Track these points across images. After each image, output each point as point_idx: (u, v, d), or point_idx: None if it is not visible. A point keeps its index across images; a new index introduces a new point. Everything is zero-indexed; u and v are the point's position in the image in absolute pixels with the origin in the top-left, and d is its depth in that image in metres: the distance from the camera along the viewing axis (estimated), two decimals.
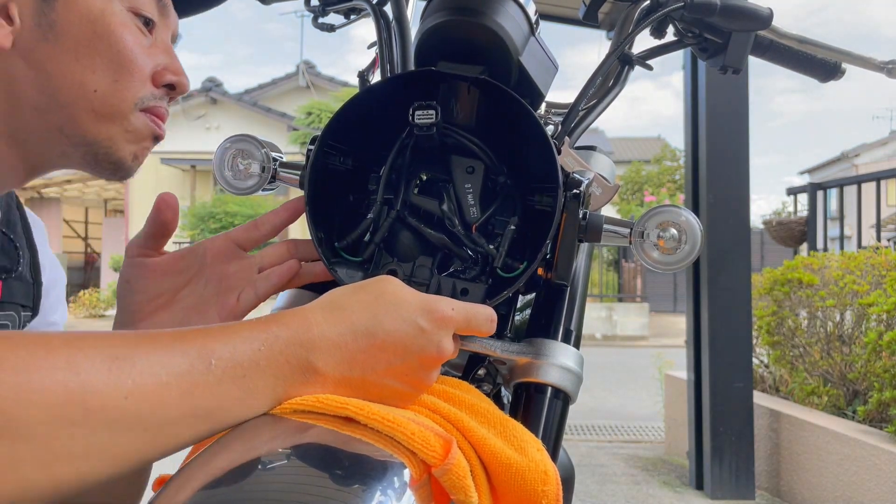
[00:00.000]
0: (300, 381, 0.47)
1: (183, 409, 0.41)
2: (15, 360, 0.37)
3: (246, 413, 0.44)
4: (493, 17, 0.66)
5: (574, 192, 0.62)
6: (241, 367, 0.44)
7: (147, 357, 0.41)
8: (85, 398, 0.37)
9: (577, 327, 0.69)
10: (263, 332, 0.46)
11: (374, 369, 0.49)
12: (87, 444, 0.37)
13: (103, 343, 0.41)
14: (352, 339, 0.48)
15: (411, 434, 0.44)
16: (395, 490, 0.40)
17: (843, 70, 0.88)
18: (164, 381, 0.40)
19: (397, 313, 0.50)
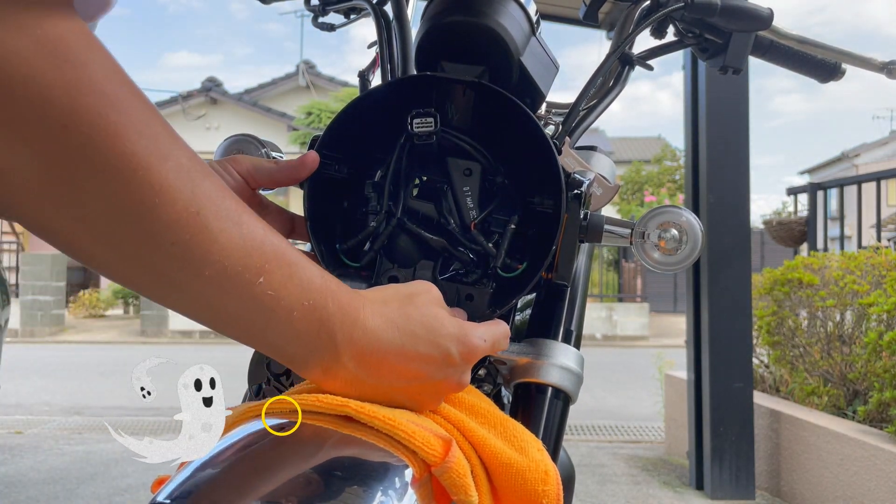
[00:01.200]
0: (316, 360, 0.46)
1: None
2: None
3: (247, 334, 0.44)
4: (494, 17, 0.66)
5: (575, 193, 0.62)
6: (277, 303, 0.43)
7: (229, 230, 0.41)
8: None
9: (577, 327, 0.69)
10: (318, 293, 0.45)
11: (392, 384, 0.49)
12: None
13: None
14: (385, 343, 0.48)
15: (411, 434, 0.44)
16: (397, 489, 0.40)
17: (843, 70, 0.88)
18: (223, 266, 0.40)
19: (435, 339, 0.50)
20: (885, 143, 25.61)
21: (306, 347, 0.45)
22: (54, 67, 0.34)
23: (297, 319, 0.43)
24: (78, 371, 7.84)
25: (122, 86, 0.36)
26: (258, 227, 0.42)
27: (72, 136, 0.34)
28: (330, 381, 0.47)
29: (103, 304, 14.11)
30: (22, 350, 9.81)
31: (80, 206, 0.36)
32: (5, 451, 3.98)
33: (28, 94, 0.33)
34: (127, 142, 0.36)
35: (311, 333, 0.45)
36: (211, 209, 0.39)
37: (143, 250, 0.38)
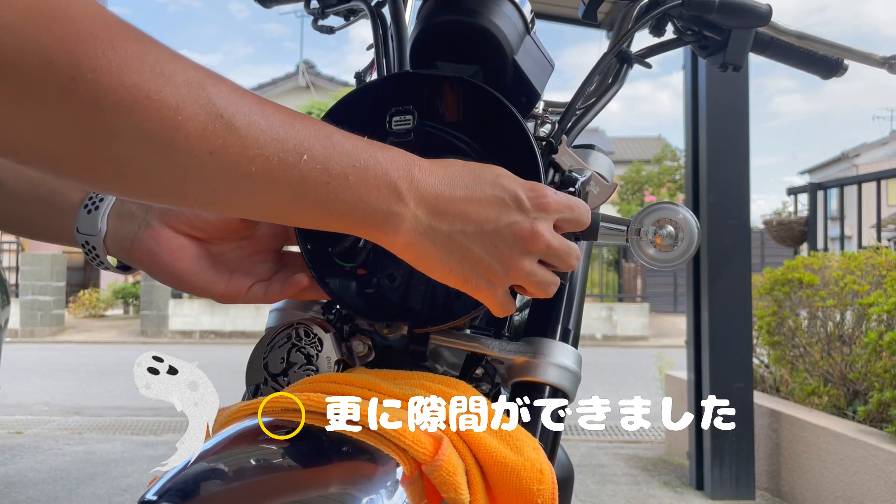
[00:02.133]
0: (386, 217, 0.46)
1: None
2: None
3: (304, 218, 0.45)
4: (488, 17, 0.66)
5: (570, 191, 0.62)
6: (328, 173, 0.43)
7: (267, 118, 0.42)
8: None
9: (575, 326, 0.69)
10: (365, 152, 0.45)
11: (464, 230, 0.48)
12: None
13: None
14: (448, 188, 0.48)
15: (401, 432, 0.44)
16: (388, 487, 0.40)
17: (845, 66, 0.87)
18: (276, 149, 0.41)
19: (500, 182, 0.50)
20: (886, 143, 25.61)
21: (372, 206, 0.45)
22: (46, 29, 0.34)
23: (353, 183, 0.44)
24: (78, 371, 7.84)
25: (107, 23, 0.37)
26: (282, 111, 0.43)
27: (81, 86, 0.35)
28: (405, 238, 0.47)
29: (103, 304, 14.12)
30: (22, 350, 9.82)
31: (110, 146, 0.37)
32: (5, 451, 3.98)
33: (31, 62, 0.34)
34: (131, 74, 0.36)
35: (372, 191, 0.45)
36: (232, 109, 0.40)
37: (185, 171, 0.39)
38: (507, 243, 0.50)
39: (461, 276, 0.51)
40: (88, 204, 0.65)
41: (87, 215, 0.65)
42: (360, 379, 0.55)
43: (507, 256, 0.50)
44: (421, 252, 0.48)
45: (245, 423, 0.45)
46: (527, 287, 0.55)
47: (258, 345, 0.70)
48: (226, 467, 0.40)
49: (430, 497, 0.45)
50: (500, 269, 0.51)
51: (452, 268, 0.50)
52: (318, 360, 0.67)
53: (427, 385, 0.55)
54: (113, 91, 0.36)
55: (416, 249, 0.48)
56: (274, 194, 0.42)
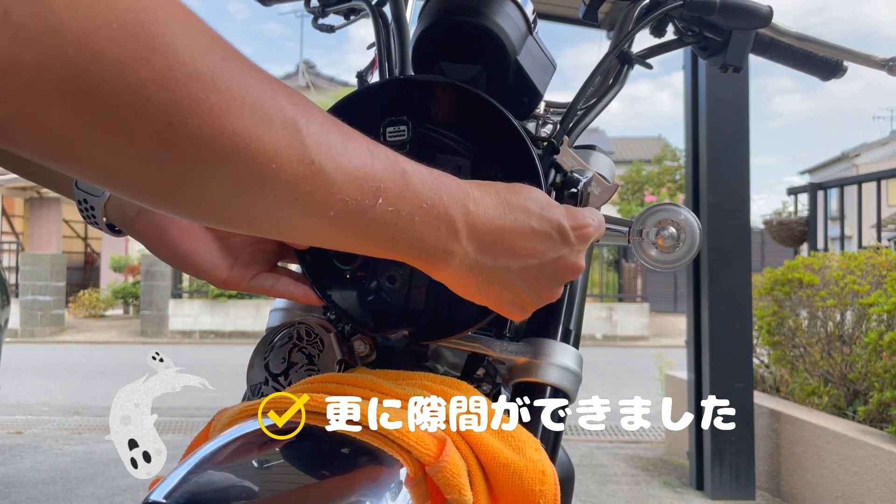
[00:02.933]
0: (440, 254, 0.46)
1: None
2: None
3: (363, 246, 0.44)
4: (491, 17, 0.66)
5: (572, 192, 0.62)
6: (398, 215, 0.43)
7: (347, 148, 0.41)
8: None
9: (576, 327, 0.69)
10: (431, 190, 0.45)
11: (508, 265, 0.49)
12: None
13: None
14: (498, 221, 0.48)
15: (405, 433, 0.44)
16: (391, 489, 0.40)
17: (845, 68, 0.87)
18: (349, 170, 0.41)
19: (546, 214, 0.51)
20: (886, 143, 25.60)
21: (430, 245, 0.46)
22: (144, 62, 0.31)
23: (418, 223, 0.44)
24: (78, 371, 7.84)
25: (211, 55, 0.34)
26: (362, 145, 0.42)
27: (179, 131, 0.33)
28: (452, 272, 0.48)
29: (103, 305, 14.12)
30: (22, 350, 9.82)
31: (199, 187, 0.36)
32: (5, 451, 3.98)
33: (127, 100, 0.31)
34: (233, 119, 0.34)
35: (433, 230, 0.45)
36: (323, 152, 0.39)
37: (268, 212, 0.39)
38: (548, 276, 0.51)
39: (497, 303, 0.52)
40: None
41: (89, 196, 0.63)
42: (362, 379, 0.55)
43: (547, 288, 0.52)
44: (463, 282, 0.49)
45: (248, 424, 0.45)
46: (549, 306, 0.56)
47: (259, 345, 0.70)
48: (230, 469, 0.40)
49: (433, 498, 0.45)
50: (536, 298, 0.52)
51: (490, 296, 0.51)
52: (319, 360, 0.67)
53: (428, 385, 0.55)
54: (212, 139, 0.34)
55: (460, 280, 0.49)
56: (344, 234, 0.42)
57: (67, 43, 0.29)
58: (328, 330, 0.67)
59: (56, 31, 0.28)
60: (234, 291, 8.40)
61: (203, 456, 0.41)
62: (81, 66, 0.29)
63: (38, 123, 0.30)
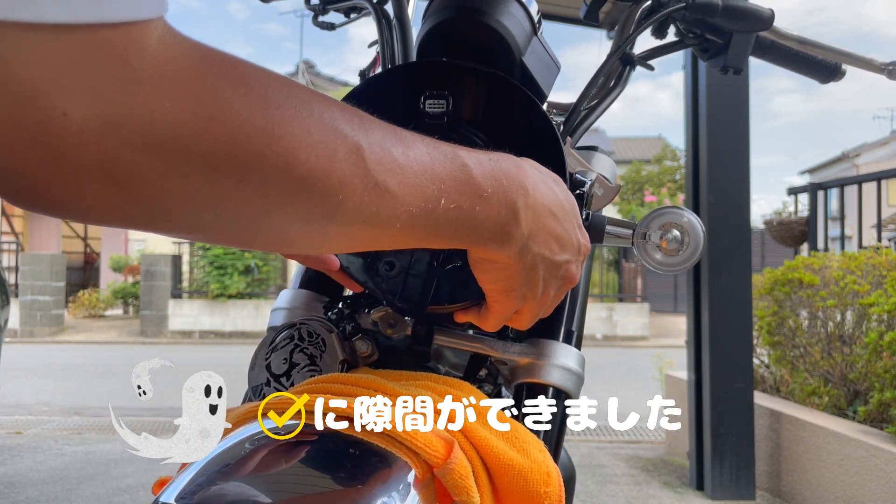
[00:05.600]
0: (503, 237, 0.47)
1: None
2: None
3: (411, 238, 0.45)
4: (496, 17, 0.66)
5: (577, 193, 0.62)
6: (460, 210, 0.44)
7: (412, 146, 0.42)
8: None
9: (578, 328, 0.69)
10: (490, 177, 0.46)
11: (543, 254, 0.51)
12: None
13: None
14: (549, 211, 0.50)
15: (413, 434, 0.44)
16: (400, 490, 0.40)
17: (844, 71, 0.88)
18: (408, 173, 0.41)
19: (573, 222, 0.53)
20: (886, 143, 25.59)
21: (490, 230, 0.47)
22: (205, 132, 0.32)
23: (479, 212, 0.45)
24: (78, 371, 7.83)
25: (269, 106, 0.34)
26: (423, 150, 0.43)
27: (248, 186, 0.34)
28: (507, 254, 0.49)
29: (103, 305, 14.11)
30: (22, 350, 9.81)
31: (269, 224, 0.37)
32: (5, 451, 3.98)
33: (193, 169, 0.32)
34: (300, 164, 0.35)
35: (493, 216, 0.46)
36: (385, 172, 0.39)
37: (336, 238, 0.40)
38: (558, 276, 0.53)
39: (514, 288, 0.53)
40: None
41: None
42: (365, 379, 0.55)
43: (551, 286, 0.54)
44: (508, 264, 0.50)
45: (255, 425, 0.45)
46: (535, 310, 0.57)
47: (260, 345, 0.70)
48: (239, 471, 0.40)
49: (441, 500, 0.45)
50: (540, 292, 0.54)
51: (514, 280, 0.52)
52: (321, 360, 0.67)
53: (431, 385, 0.56)
54: (281, 185, 0.35)
55: (506, 262, 0.50)
56: (409, 238, 0.43)
57: (129, 132, 0.30)
58: (330, 330, 0.67)
59: (114, 124, 0.29)
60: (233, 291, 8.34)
61: (211, 457, 0.41)
62: (148, 155, 0.30)
63: (123, 200, 0.32)
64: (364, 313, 0.67)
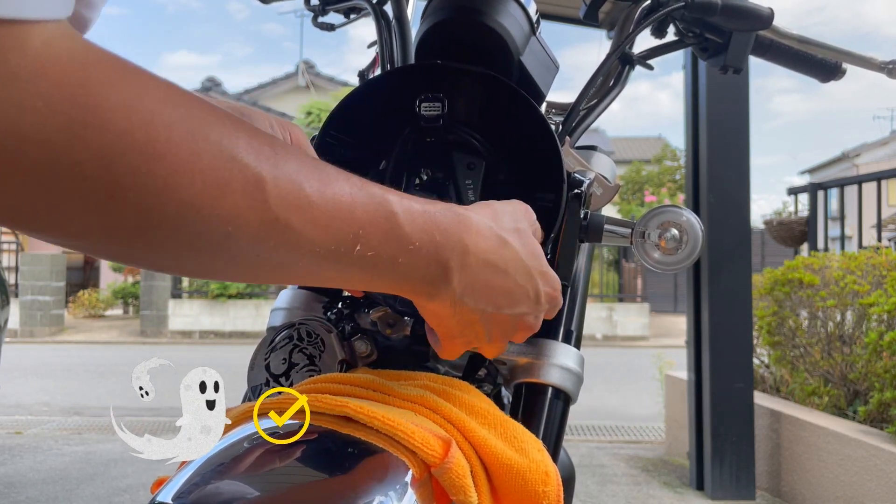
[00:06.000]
0: (429, 289, 0.46)
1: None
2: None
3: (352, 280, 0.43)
4: (494, 17, 0.66)
5: (575, 193, 0.62)
6: (379, 258, 0.42)
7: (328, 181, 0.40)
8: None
9: (577, 327, 0.69)
10: (422, 230, 0.44)
11: (485, 308, 0.49)
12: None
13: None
14: (492, 264, 0.48)
15: (411, 434, 0.44)
16: (397, 490, 0.40)
17: (844, 70, 0.88)
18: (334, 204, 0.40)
19: (533, 273, 0.51)
20: (886, 143, 25.60)
21: (416, 282, 0.45)
22: (76, 138, 0.30)
23: (402, 264, 0.44)
24: (78, 371, 7.84)
25: (156, 124, 0.32)
26: (345, 191, 0.41)
27: (121, 204, 0.32)
28: (434, 306, 0.48)
29: (103, 305, 14.11)
30: (22, 350, 9.81)
31: (152, 251, 0.35)
32: (5, 451, 3.98)
33: (63, 177, 0.30)
34: (182, 189, 0.33)
35: (419, 270, 0.45)
36: (290, 208, 0.37)
37: (228, 266, 0.38)
38: (508, 327, 0.52)
39: (456, 336, 0.52)
40: None
41: None
42: (364, 379, 0.55)
43: (500, 337, 0.53)
44: (437, 313, 0.49)
45: (253, 425, 0.45)
46: (491, 353, 0.57)
47: (260, 345, 0.70)
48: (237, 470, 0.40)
49: (438, 499, 0.45)
50: (487, 341, 0.53)
51: (453, 329, 0.51)
52: (320, 360, 0.67)
53: (430, 385, 0.56)
54: (158, 209, 0.33)
55: (436, 311, 0.49)
56: (314, 276, 0.41)
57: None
58: (329, 330, 0.67)
59: None
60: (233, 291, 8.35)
61: (209, 457, 0.41)
62: (11, 150, 0.29)
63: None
64: (363, 313, 0.67)
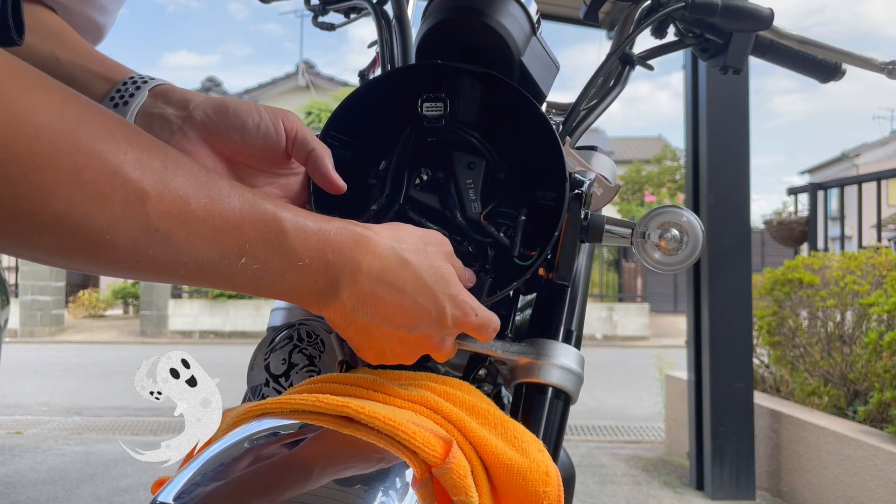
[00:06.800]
0: (316, 300, 0.47)
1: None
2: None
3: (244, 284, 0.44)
4: (495, 17, 0.66)
5: (576, 193, 0.62)
6: (266, 270, 0.43)
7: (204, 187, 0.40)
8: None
9: (577, 328, 0.69)
10: (314, 249, 0.45)
11: (380, 324, 0.50)
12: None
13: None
14: (387, 283, 0.49)
15: (412, 434, 0.44)
16: (398, 490, 0.40)
17: (844, 70, 0.88)
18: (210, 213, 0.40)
19: (436, 294, 0.51)
20: (886, 143, 25.60)
21: (303, 294, 0.46)
22: None
23: (290, 278, 0.44)
24: (78, 371, 7.83)
25: (40, 136, 0.33)
26: (235, 209, 0.41)
27: (11, 211, 0.32)
28: (326, 314, 0.49)
29: (103, 305, 14.11)
30: (22, 350, 9.81)
31: (29, 252, 0.36)
32: (5, 451, 3.98)
33: None
34: (59, 199, 0.33)
35: (307, 284, 0.45)
36: (172, 220, 0.38)
37: (115, 270, 0.38)
38: (410, 345, 0.52)
39: (362, 348, 0.53)
40: (115, 97, 0.60)
41: (114, 109, 0.60)
42: (364, 379, 0.55)
43: (406, 354, 0.53)
44: (332, 320, 0.50)
45: (253, 425, 0.45)
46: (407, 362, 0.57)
47: (259, 346, 0.70)
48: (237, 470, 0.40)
49: (439, 500, 0.45)
50: (391, 357, 0.53)
51: (354, 340, 0.52)
52: (320, 360, 0.67)
53: (431, 385, 0.56)
54: (34, 216, 0.33)
55: (329, 317, 0.50)
56: (199, 282, 0.42)
57: None
58: (329, 331, 0.67)
59: None
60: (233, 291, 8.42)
61: (209, 457, 0.41)
62: None
63: None
64: None
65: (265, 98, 16.76)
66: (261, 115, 0.60)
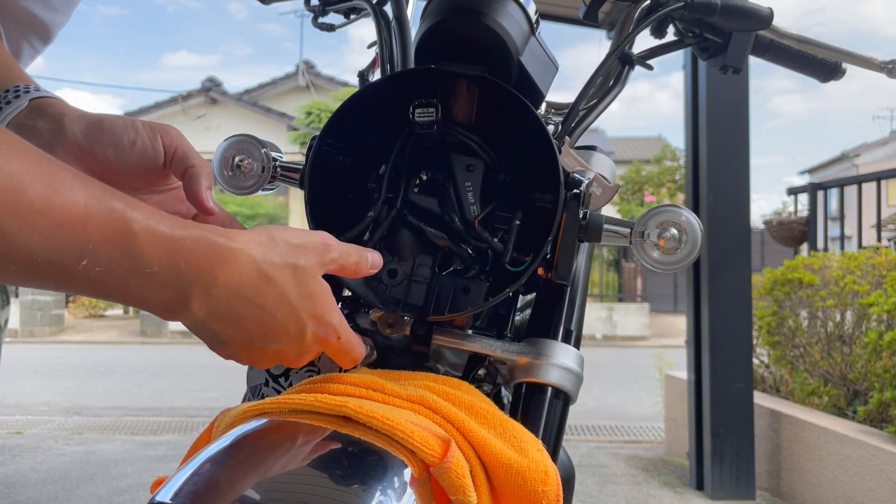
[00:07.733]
0: (164, 309, 0.45)
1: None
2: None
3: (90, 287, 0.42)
4: (494, 17, 0.66)
5: (574, 192, 0.62)
6: (110, 274, 0.41)
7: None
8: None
9: (577, 327, 0.69)
10: (167, 256, 0.43)
11: (234, 335, 0.48)
12: None
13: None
14: (245, 309, 0.46)
15: (410, 434, 0.44)
16: (396, 489, 0.40)
17: (844, 70, 0.88)
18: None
19: (298, 312, 0.49)
20: (886, 143, 25.60)
21: (154, 305, 0.44)
22: None
23: (135, 285, 0.42)
24: (78, 371, 7.83)
25: None
26: (79, 203, 0.39)
27: None
28: (172, 320, 0.46)
29: (103, 305, 14.11)
30: (22, 350, 9.81)
31: None
32: (5, 451, 3.98)
33: None
34: None
35: (155, 293, 0.43)
36: (6, 214, 0.36)
37: None
38: (266, 356, 0.51)
39: (210, 347, 0.51)
40: None
41: None
42: (364, 379, 0.55)
43: (261, 361, 0.51)
44: (185, 325, 0.48)
45: (252, 425, 0.45)
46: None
47: None
48: (235, 470, 0.40)
49: (438, 499, 0.45)
50: (248, 361, 0.52)
51: (205, 340, 0.50)
52: (319, 360, 0.67)
53: (430, 385, 0.56)
54: None
55: (182, 323, 0.48)
56: (32, 282, 0.40)
57: None
58: None
59: None
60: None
61: (208, 456, 0.41)
62: None
63: None
64: (363, 314, 0.67)
65: (265, 98, 16.75)
66: (137, 131, 0.60)
